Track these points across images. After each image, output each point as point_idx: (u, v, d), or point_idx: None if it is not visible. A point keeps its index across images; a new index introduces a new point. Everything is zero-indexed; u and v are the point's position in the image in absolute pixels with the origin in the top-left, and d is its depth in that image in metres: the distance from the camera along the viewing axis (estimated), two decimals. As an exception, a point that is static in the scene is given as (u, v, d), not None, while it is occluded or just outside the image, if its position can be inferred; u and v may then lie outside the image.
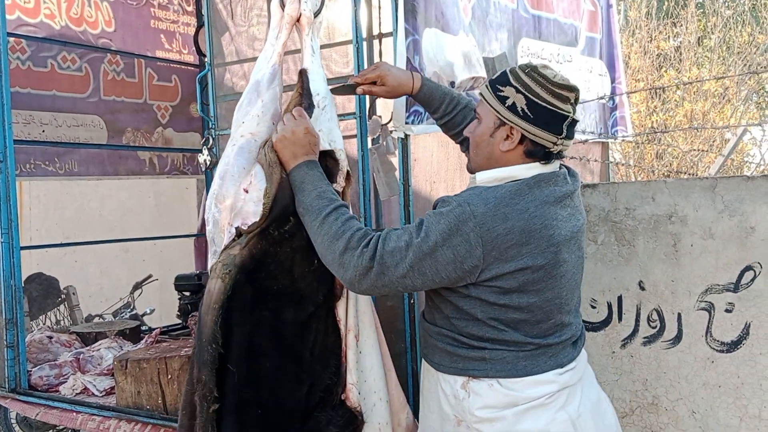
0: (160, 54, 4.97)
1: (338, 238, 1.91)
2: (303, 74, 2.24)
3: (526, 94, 1.90)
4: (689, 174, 6.78)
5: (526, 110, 1.90)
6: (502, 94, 1.93)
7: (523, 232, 1.85)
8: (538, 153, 1.94)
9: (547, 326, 1.95)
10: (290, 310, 2.04)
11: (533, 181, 1.92)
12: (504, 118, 1.93)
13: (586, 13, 4.22)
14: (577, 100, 1.95)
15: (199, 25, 4.60)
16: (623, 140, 4.81)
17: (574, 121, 1.94)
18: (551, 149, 1.93)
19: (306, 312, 2.06)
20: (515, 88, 1.91)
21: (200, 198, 5.89)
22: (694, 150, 6.86)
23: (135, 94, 4.77)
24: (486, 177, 1.99)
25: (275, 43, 2.26)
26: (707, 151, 6.79)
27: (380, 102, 2.98)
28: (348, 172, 2.28)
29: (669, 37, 9.23)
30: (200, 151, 3.68)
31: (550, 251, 1.89)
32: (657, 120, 8.03)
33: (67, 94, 4.41)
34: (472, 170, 2.09)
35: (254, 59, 3.79)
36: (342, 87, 2.44)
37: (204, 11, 3.64)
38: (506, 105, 1.92)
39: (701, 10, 9.68)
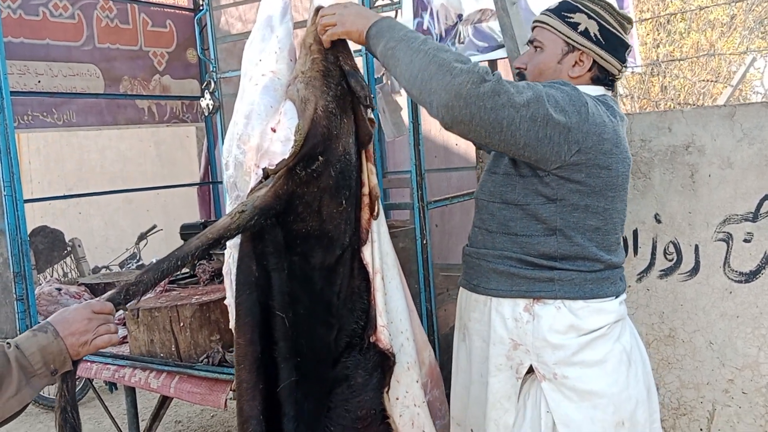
0: (153, -2, 4.84)
1: (447, 51, 1.79)
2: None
3: (598, 20, 1.95)
4: (696, 106, 6.67)
5: (599, 36, 1.94)
6: (572, 20, 1.96)
7: (615, 134, 1.89)
8: (604, 80, 2.00)
9: (613, 239, 1.98)
10: (319, 254, 1.98)
11: (606, 100, 1.96)
12: (576, 43, 1.95)
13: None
14: (629, 31, 2.02)
15: (193, -33, 4.46)
16: (633, 72, 4.71)
17: (630, 52, 2.02)
18: (616, 76, 2.01)
19: (334, 255, 2.00)
20: (586, 14, 1.95)
21: (200, 146, 5.82)
22: (702, 80, 6.73)
23: (130, 41, 4.65)
24: None
25: None
26: (715, 81, 6.66)
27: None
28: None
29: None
30: (200, 96, 3.60)
31: (626, 163, 1.94)
32: (663, 52, 7.87)
33: (60, 42, 4.29)
34: None
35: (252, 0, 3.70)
36: None
37: (198, -50, 3.52)
38: (578, 30, 1.95)
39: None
